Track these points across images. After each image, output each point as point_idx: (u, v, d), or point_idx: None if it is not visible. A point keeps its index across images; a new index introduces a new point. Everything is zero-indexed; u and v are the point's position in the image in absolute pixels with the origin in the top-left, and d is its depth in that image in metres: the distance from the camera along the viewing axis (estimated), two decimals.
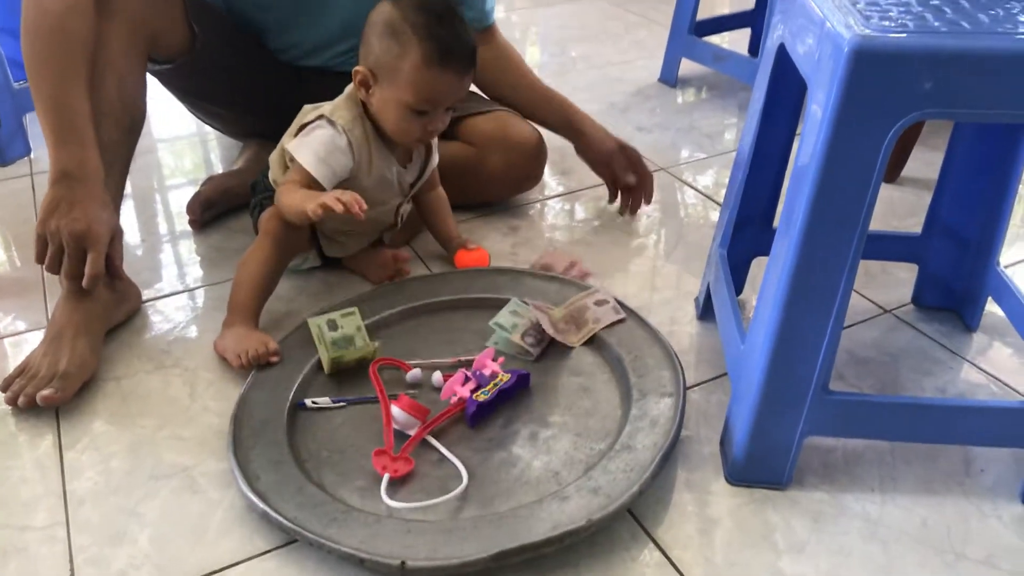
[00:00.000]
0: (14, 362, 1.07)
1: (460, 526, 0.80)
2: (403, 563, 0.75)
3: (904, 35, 0.68)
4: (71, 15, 1.02)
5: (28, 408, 0.98)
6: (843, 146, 0.70)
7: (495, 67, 1.37)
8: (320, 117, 1.08)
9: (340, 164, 1.07)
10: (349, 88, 1.09)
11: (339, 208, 0.97)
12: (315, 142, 1.06)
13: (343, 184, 1.08)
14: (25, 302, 1.20)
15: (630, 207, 1.38)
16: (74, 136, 1.02)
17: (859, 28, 0.68)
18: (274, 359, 1.01)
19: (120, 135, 1.10)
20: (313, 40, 1.32)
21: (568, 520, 0.79)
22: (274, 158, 1.15)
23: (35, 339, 1.11)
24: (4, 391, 1.00)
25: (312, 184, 1.06)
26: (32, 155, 1.61)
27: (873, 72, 0.67)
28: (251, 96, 1.33)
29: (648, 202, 1.38)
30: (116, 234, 1.08)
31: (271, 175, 1.16)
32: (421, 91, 1.02)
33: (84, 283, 1.02)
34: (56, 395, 0.97)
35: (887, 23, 0.69)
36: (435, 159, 1.20)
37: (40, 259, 1.03)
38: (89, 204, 1.02)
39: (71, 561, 0.81)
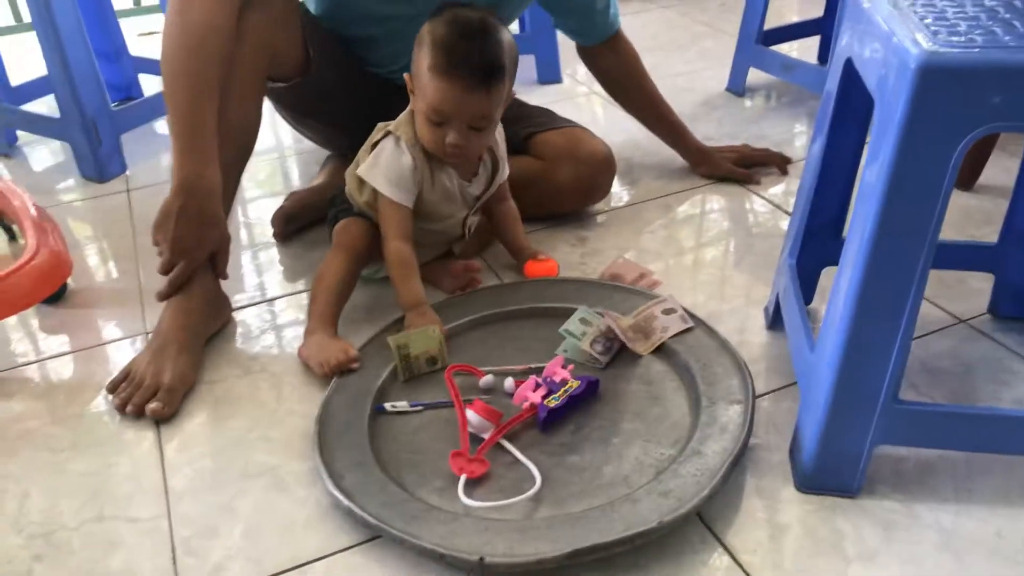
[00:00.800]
0: (114, 365, 1.15)
1: (535, 525, 0.84)
2: (481, 559, 0.79)
3: (971, 50, 0.68)
4: (212, 35, 1.09)
5: (135, 416, 1.05)
6: (910, 161, 0.71)
7: (615, 77, 1.50)
8: (387, 134, 1.13)
9: (407, 181, 1.12)
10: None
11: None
12: (383, 166, 1.12)
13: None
14: (124, 311, 1.28)
15: (778, 166, 1.54)
16: (198, 149, 1.09)
17: (926, 44, 0.69)
18: (354, 365, 1.07)
19: (236, 157, 1.19)
20: (409, 54, 1.38)
21: (640, 521, 0.81)
22: (350, 172, 1.20)
23: (132, 346, 1.20)
24: (111, 392, 1.08)
25: (395, 207, 1.12)
26: (128, 172, 1.71)
27: (940, 88, 0.68)
28: (355, 112, 1.38)
29: (784, 161, 1.55)
30: (222, 247, 1.17)
31: (347, 189, 1.22)
32: (429, 97, 1.06)
33: (157, 294, 1.13)
34: (163, 409, 1.04)
35: (955, 38, 0.70)
36: (504, 173, 1.24)
37: (162, 263, 1.14)
38: (196, 219, 1.11)
39: (173, 551, 0.87)
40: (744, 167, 1.53)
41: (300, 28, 1.24)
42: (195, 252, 1.13)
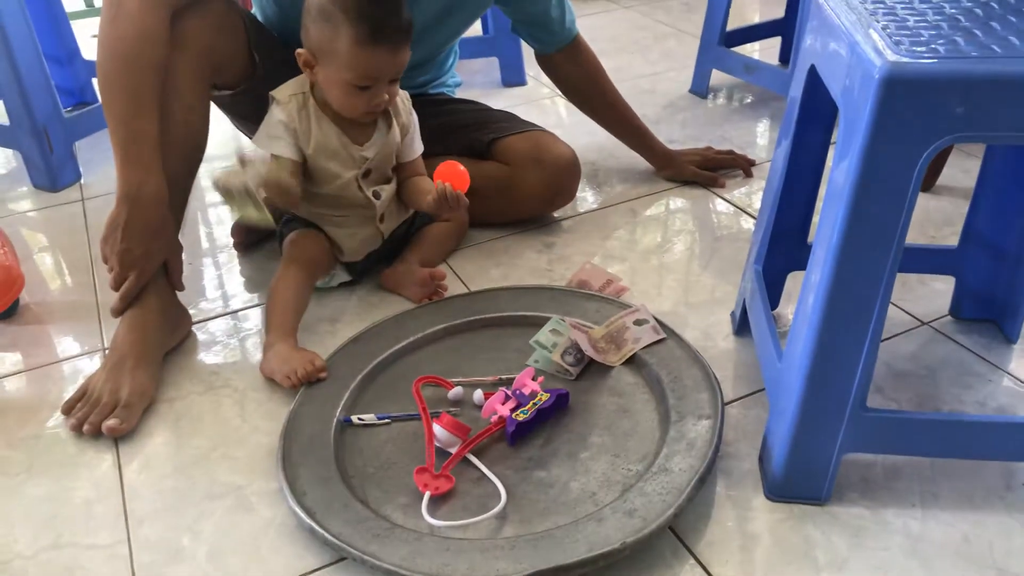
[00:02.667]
0: (70, 383, 1.12)
1: (498, 545, 0.82)
2: None
3: (935, 60, 0.69)
4: (146, 42, 1.07)
5: (92, 436, 1.02)
6: (876, 170, 0.71)
7: (574, 84, 1.50)
8: (271, 99, 1.15)
9: (281, 133, 1.13)
10: None
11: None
12: (264, 125, 1.15)
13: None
14: (81, 326, 1.24)
15: (743, 168, 1.55)
16: (139, 158, 1.07)
17: (889, 54, 0.69)
18: (322, 375, 1.05)
19: (184, 166, 1.16)
20: None
21: (603, 542, 0.80)
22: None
23: (90, 362, 1.16)
24: (66, 414, 1.04)
25: (281, 160, 1.13)
26: (82, 181, 1.67)
27: (904, 98, 0.68)
28: None
29: (749, 163, 1.56)
30: (174, 255, 1.15)
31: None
32: (358, 69, 1.07)
33: (111, 309, 1.11)
34: (121, 425, 1.01)
35: (918, 48, 0.71)
36: (415, 148, 1.23)
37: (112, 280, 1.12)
38: (141, 229, 1.08)
39: None
40: (708, 169, 1.54)
41: (243, 33, 1.21)
42: (144, 263, 1.10)
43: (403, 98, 1.21)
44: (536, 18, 1.40)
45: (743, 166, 1.55)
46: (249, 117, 1.39)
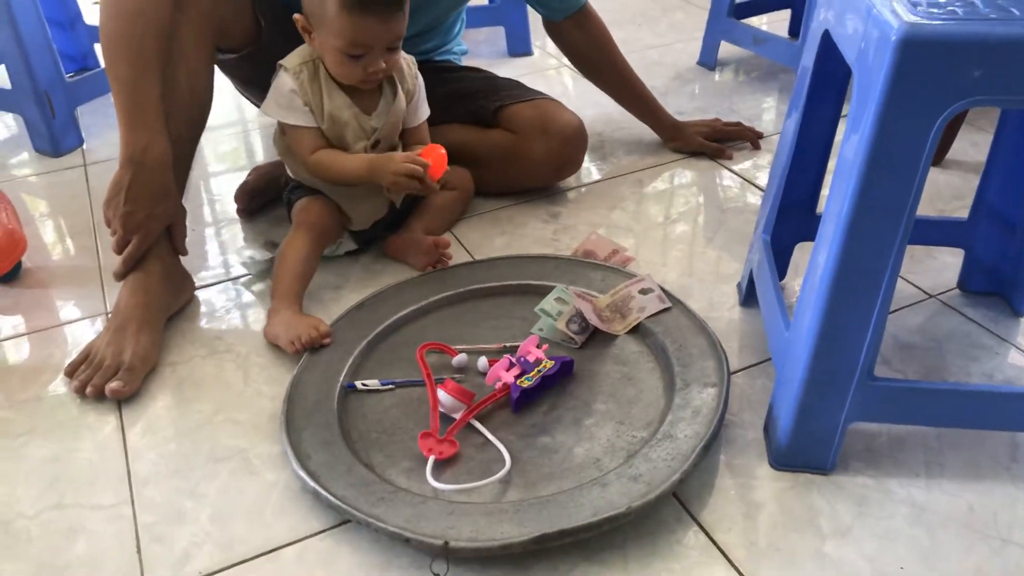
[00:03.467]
0: (73, 348, 1.11)
1: (502, 509, 0.82)
2: (446, 543, 0.78)
3: (952, 22, 0.67)
4: (148, 5, 1.05)
5: (95, 398, 1.02)
6: (890, 135, 0.70)
7: (583, 52, 1.47)
8: (279, 67, 1.14)
9: (298, 104, 1.12)
10: None
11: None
12: (274, 93, 1.14)
13: None
14: (83, 290, 1.24)
15: (750, 141, 1.54)
16: (143, 121, 1.06)
17: (906, 15, 0.68)
18: (326, 340, 1.05)
19: (188, 130, 1.15)
20: None
21: (608, 506, 0.80)
22: (276, 132, 1.22)
23: (92, 326, 1.16)
24: (70, 376, 1.04)
25: (300, 131, 1.14)
26: (85, 146, 1.66)
27: (921, 60, 0.67)
28: None
29: (757, 135, 1.55)
30: (177, 219, 1.15)
31: (277, 149, 1.24)
32: (346, 36, 1.05)
33: (113, 273, 1.11)
34: (124, 388, 1.01)
35: (935, 10, 0.69)
36: (421, 112, 1.22)
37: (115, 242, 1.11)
38: (145, 193, 1.08)
39: (137, 538, 0.85)
40: (716, 141, 1.52)
41: None
42: (148, 226, 1.10)
43: (409, 62, 1.20)
44: None
45: (750, 138, 1.54)
46: (253, 82, 1.38)
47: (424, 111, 1.23)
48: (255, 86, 1.39)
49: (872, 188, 0.73)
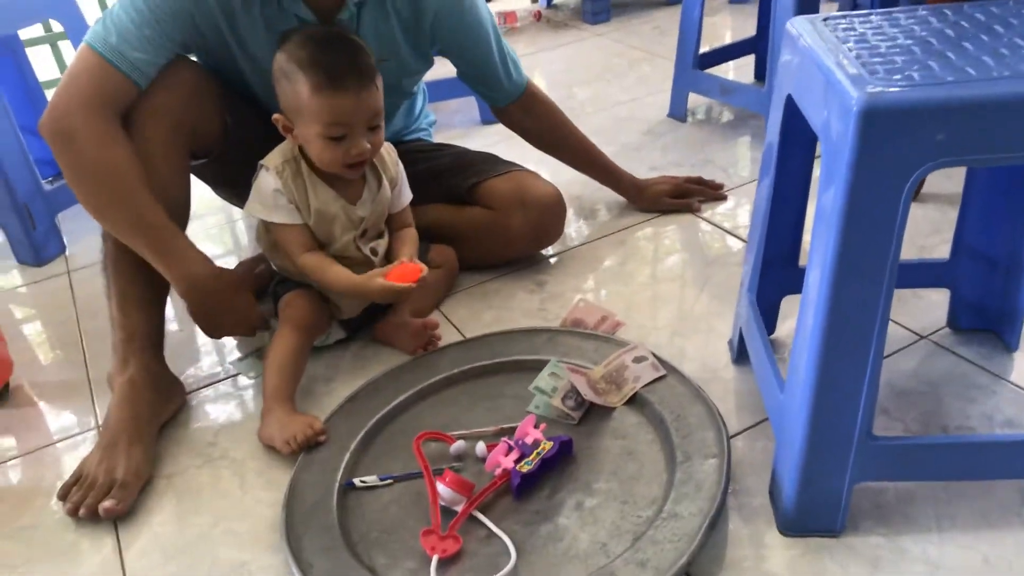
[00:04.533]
0: (66, 465, 1.10)
1: None
2: None
3: (910, 88, 0.68)
4: (107, 149, 1.07)
5: (90, 519, 1.00)
6: (863, 198, 0.71)
7: (533, 133, 1.47)
8: (261, 167, 1.14)
9: (283, 202, 1.13)
10: None
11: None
12: (257, 194, 1.14)
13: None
14: (73, 405, 1.22)
15: (711, 197, 1.55)
16: (170, 248, 1.11)
17: (867, 84, 0.69)
18: (321, 438, 1.04)
19: None
20: None
21: None
22: (258, 229, 1.23)
23: (85, 441, 1.14)
24: (62, 499, 1.02)
25: (287, 228, 1.14)
26: (67, 252, 1.66)
27: (884, 129, 0.68)
28: None
29: (717, 188, 1.56)
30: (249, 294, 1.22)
31: (260, 245, 1.25)
32: (323, 118, 1.06)
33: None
34: (118, 506, 0.99)
35: (894, 76, 0.70)
36: (404, 198, 1.23)
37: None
38: (224, 301, 1.16)
39: None
40: (680, 195, 1.53)
41: (217, 99, 1.20)
42: (244, 322, 1.20)
43: (388, 150, 1.21)
44: (479, 75, 1.37)
45: (710, 194, 1.55)
46: (226, 183, 1.39)
47: (407, 195, 1.24)
48: (229, 187, 1.40)
49: (853, 244, 0.73)
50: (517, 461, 0.95)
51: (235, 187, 1.40)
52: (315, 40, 1.06)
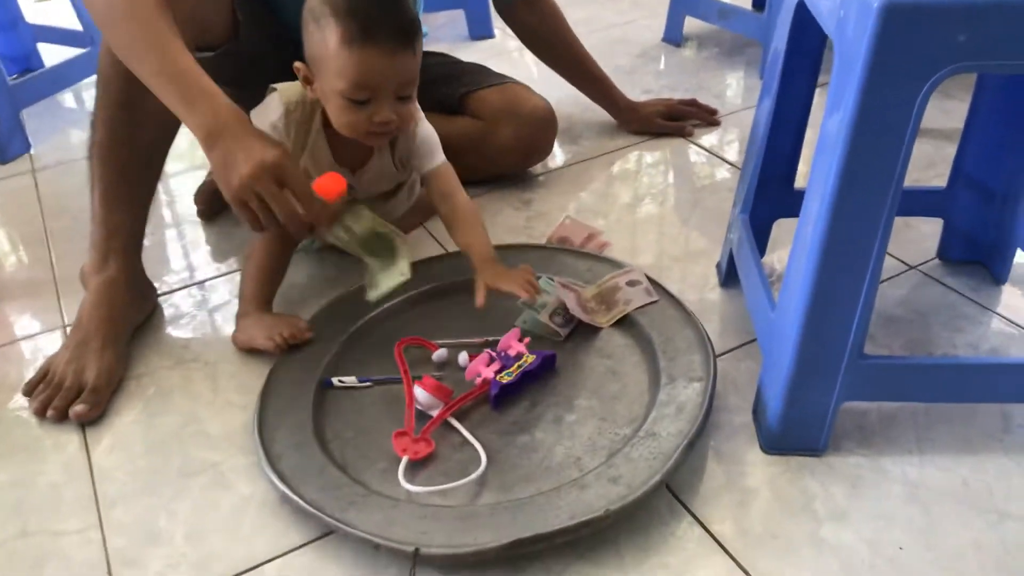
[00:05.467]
0: (31, 363, 1.06)
1: (477, 512, 0.80)
2: (416, 550, 0.75)
3: None
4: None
5: (57, 421, 0.97)
6: (875, 106, 0.68)
7: (534, 33, 1.42)
8: (272, 90, 1.03)
9: (277, 134, 1.00)
10: None
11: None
12: (257, 115, 1.01)
13: None
14: (39, 303, 1.18)
15: (705, 120, 1.52)
16: (198, 94, 0.92)
17: None
18: (308, 335, 1.01)
19: (161, 138, 1.08)
20: None
21: (585, 510, 0.77)
22: None
23: (49, 341, 1.11)
24: (28, 395, 0.99)
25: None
26: (32, 151, 1.59)
27: (904, 27, 0.65)
28: (284, 78, 1.28)
29: (712, 113, 1.53)
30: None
31: None
32: (348, 75, 0.91)
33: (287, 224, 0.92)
34: (89, 411, 0.96)
35: None
36: (415, 192, 1.13)
37: (255, 224, 0.93)
38: (251, 141, 0.91)
39: (108, 563, 0.81)
40: (673, 119, 1.50)
41: None
42: (279, 166, 0.90)
43: (419, 116, 1.06)
44: None
45: (705, 118, 1.52)
46: (229, 80, 1.30)
47: (437, 155, 1.08)
48: (230, 84, 1.32)
49: (858, 162, 0.71)
50: (498, 372, 0.93)
51: (236, 85, 1.33)
52: None
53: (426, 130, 1.07)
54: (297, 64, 0.99)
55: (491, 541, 0.75)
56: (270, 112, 1.02)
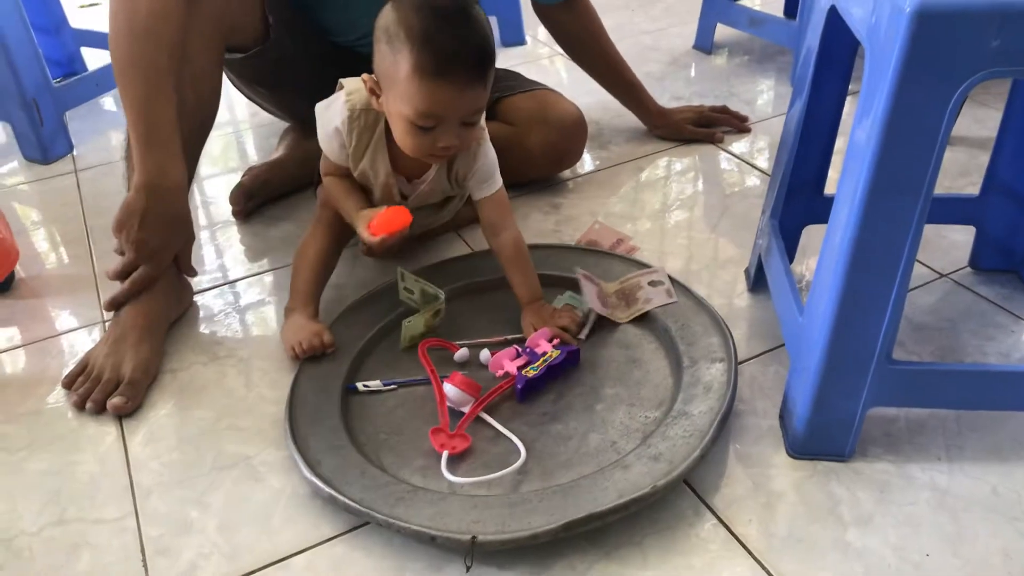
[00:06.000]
0: (70, 357, 1.09)
1: (526, 499, 0.81)
2: (474, 537, 0.76)
3: None
4: (162, 19, 1.01)
5: (96, 413, 0.99)
6: (906, 112, 0.68)
7: (571, 35, 1.44)
8: (342, 88, 1.04)
9: (335, 146, 1.04)
10: None
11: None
12: (321, 118, 1.04)
13: None
14: (79, 299, 1.21)
15: (735, 127, 1.52)
16: (159, 144, 1.01)
17: None
18: (329, 350, 1.02)
19: (194, 135, 1.11)
20: (366, 22, 1.31)
21: (632, 487, 0.79)
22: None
23: (89, 336, 1.14)
24: (67, 388, 1.02)
25: (328, 161, 1.07)
26: (75, 152, 1.63)
27: (937, 32, 0.65)
28: (315, 78, 1.29)
29: (742, 120, 1.53)
30: (187, 243, 1.11)
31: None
32: (418, 105, 0.90)
33: (110, 301, 1.06)
34: (127, 404, 0.98)
35: None
36: (466, 182, 1.07)
37: (124, 263, 1.06)
38: (162, 220, 1.04)
39: (143, 552, 0.83)
40: (703, 126, 1.50)
41: None
42: (161, 254, 1.07)
43: (483, 137, 1.04)
44: None
45: (736, 125, 1.52)
46: (261, 81, 1.34)
47: (491, 185, 1.06)
48: (261, 85, 1.35)
49: (888, 168, 0.71)
50: (522, 367, 0.94)
51: (265, 86, 1.36)
52: (436, 9, 0.89)
53: (487, 154, 1.05)
54: (365, 76, 0.98)
55: (545, 524, 0.76)
56: (335, 115, 1.02)
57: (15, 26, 1.49)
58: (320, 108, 1.05)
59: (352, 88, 1.03)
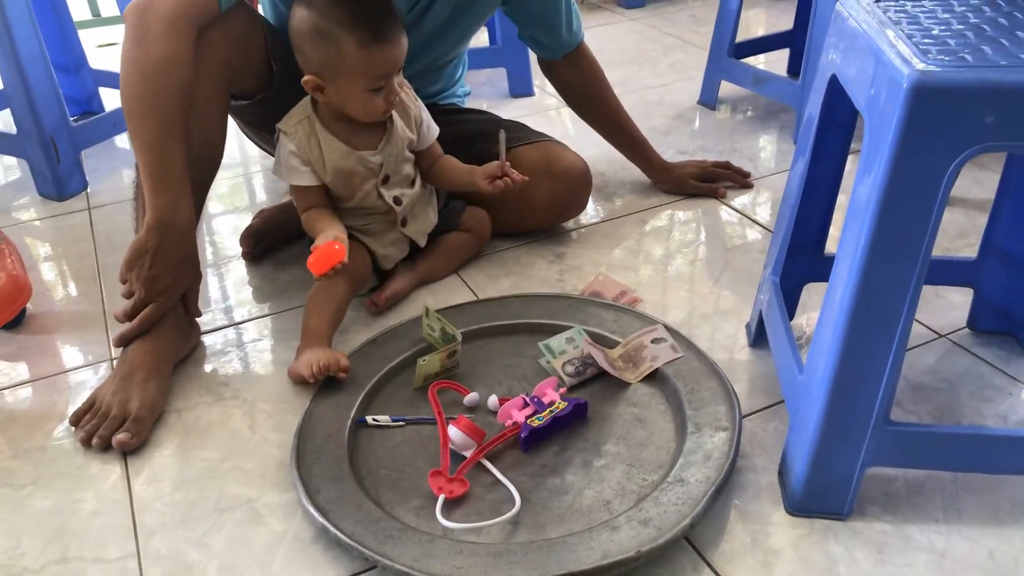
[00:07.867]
0: (77, 394, 1.10)
1: (511, 550, 0.81)
2: None
3: (963, 69, 0.68)
4: (172, 65, 1.05)
5: (101, 450, 1.00)
6: (904, 179, 0.70)
7: (575, 90, 1.49)
8: (278, 130, 1.16)
9: (296, 164, 1.15)
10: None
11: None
12: (277, 156, 1.17)
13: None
14: (88, 336, 1.23)
15: (738, 183, 1.54)
16: (169, 185, 1.06)
17: (918, 62, 0.69)
18: (343, 375, 1.04)
19: (199, 179, 1.15)
20: None
21: (617, 550, 0.79)
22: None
23: (96, 374, 1.15)
24: (74, 425, 1.03)
25: (299, 189, 1.17)
26: (89, 189, 1.66)
27: (933, 107, 0.67)
28: None
29: (745, 176, 1.55)
30: (194, 282, 1.14)
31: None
32: (371, 71, 1.07)
33: (119, 337, 1.10)
34: (131, 440, 1.00)
35: (945, 57, 0.70)
36: (431, 133, 1.23)
37: (132, 305, 1.09)
38: (172, 258, 1.08)
39: None
40: (706, 181, 1.53)
41: (264, 42, 1.20)
42: (170, 292, 1.10)
43: (406, 87, 1.21)
44: (542, 22, 1.39)
45: (738, 180, 1.54)
46: (265, 127, 1.37)
47: (434, 130, 1.24)
48: (266, 130, 1.39)
49: (887, 232, 0.73)
50: (529, 416, 0.95)
51: (270, 131, 1.39)
52: None
53: (423, 107, 1.23)
54: (306, 78, 1.10)
55: None
56: (287, 147, 1.15)
57: (36, 65, 1.53)
58: (276, 161, 1.17)
59: (283, 123, 1.16)
